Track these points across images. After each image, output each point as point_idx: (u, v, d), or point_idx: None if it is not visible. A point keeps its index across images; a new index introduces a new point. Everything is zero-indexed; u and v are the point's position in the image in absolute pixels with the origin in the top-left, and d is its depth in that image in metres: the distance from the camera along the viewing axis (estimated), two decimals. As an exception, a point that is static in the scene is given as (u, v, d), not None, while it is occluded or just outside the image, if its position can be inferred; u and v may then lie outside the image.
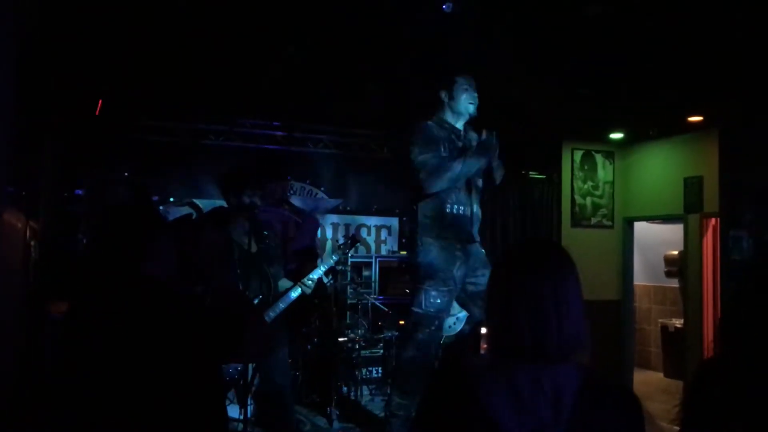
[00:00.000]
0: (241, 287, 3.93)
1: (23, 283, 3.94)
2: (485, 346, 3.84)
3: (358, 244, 7.37)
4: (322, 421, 5.57)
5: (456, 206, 4.28)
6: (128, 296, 1.89)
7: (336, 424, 5.45)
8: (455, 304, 4.49)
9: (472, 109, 4.34)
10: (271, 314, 4.02)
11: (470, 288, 4.41)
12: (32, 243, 4.22)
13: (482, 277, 4.32)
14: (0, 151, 2.76)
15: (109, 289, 1.94)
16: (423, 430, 1.43)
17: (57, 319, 4.40)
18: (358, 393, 6.27)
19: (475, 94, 4.35)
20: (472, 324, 4.95)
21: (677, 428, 1.48)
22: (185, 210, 6.82)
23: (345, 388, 6.26)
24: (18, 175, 3.50)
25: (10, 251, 3.41)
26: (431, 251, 4.25)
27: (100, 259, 2.00)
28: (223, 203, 4.34)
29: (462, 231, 4.32)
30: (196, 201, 6.79)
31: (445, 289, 4.22)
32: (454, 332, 4.58)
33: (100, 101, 5.89)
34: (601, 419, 1.30)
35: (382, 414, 4.78)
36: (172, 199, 6.82)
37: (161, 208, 6.74)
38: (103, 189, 6.25)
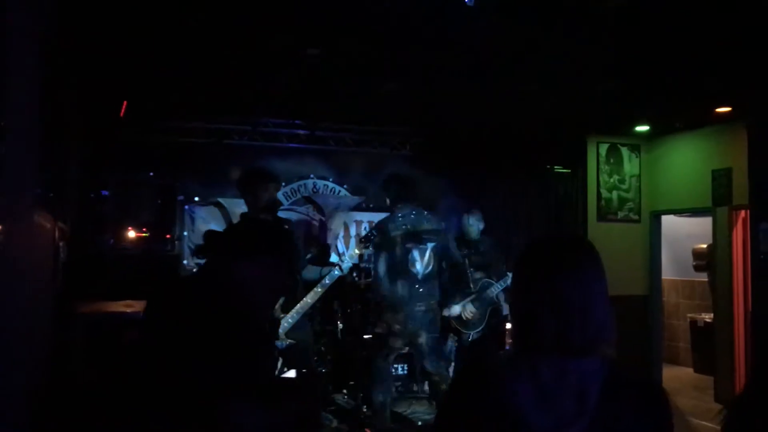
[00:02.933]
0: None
1: (52, 284, 4.00)
2: (509, 341, 3.82)
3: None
4: (347, 419, 5.58)
5: None
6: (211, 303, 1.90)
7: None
8: None
9: None
10: (309, 300, 4.19)
11: None
12: (61, 244, 4.28)
13: None
14: (28, 155, 2.80)
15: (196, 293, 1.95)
16: (448, 422, 1.43)
17: (87, 319, 4.47)
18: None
19: None
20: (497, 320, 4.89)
21: (707, 424, 1.44)
22: (211, 209, 6.89)
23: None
24: (45, 178, 3.55)
25: (40, 252, 3.46)
26: None
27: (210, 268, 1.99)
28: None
29: None
30: (221, 200, 6.86)
31: None
32: None
33: (125, 103, 5.96)
34: (626, 412, 1.28)
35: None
36: (197, 199, 6.90)
37: (186, 207, 6.80)
38: (129, 189, 6.34)
